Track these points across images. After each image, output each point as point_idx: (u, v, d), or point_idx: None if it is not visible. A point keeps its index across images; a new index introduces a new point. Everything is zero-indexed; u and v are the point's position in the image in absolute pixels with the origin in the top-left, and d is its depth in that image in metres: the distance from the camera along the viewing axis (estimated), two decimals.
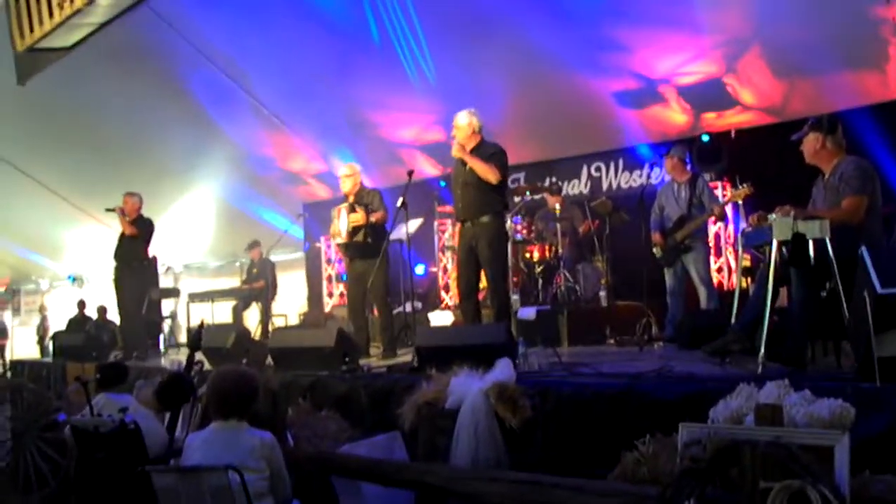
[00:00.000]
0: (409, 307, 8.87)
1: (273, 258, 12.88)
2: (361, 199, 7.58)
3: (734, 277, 9.54)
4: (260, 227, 14.18)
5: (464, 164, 6.47)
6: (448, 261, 11.59)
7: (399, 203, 6.75)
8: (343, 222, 7.47)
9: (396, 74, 10.03)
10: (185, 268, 19.09)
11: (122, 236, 9.27)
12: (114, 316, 14.85)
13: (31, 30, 8.31)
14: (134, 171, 13.28)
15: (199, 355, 6.51)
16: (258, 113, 11.44)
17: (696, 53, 8.59)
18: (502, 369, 3.90)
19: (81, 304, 15.81)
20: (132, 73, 10.74)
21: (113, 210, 9.18)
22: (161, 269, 17.47)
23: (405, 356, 6.55)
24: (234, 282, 14.57)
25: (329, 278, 13.94)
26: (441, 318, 8.73)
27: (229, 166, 13.37)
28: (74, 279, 19.83)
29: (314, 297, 14.85)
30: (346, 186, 7.67)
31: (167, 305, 13.75)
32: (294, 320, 13.82)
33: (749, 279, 7.45)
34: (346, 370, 5.91)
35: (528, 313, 7.96)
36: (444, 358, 5.20)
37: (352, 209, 7.39)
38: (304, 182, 13.84)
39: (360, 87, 10.37)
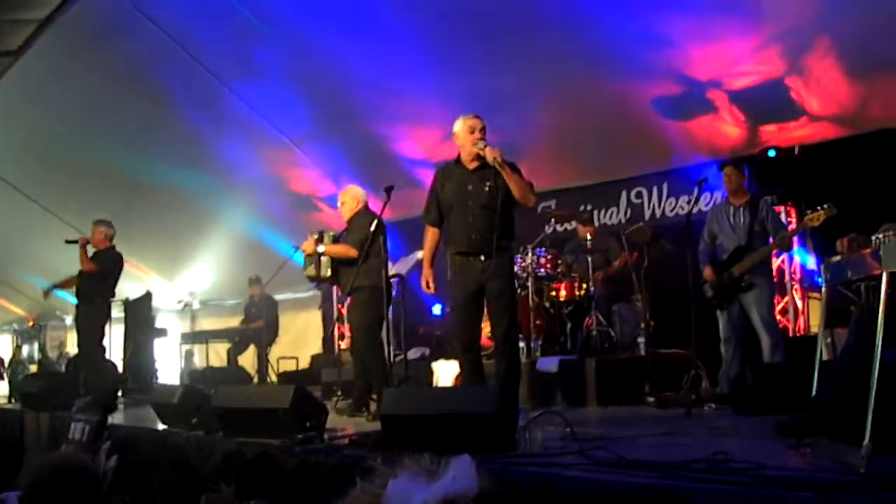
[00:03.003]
0: (413, 353, 7.65)
1: (285, 296, 11.70)
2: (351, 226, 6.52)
3: (802, 321, 8.02)
4: (277, 259, 12.96)
5: (475, 179, 5.22)
6: None
7: (373, 227, 5.42)
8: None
9: (406, 82, 8.79)
10: (203, 305, 18.02)
11: (82, 271, 8.08)
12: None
13: None
14: (149, 205, 12.52)
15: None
16: (256, 126, 10.19)
17: (752, 48, 7.11)
18: (458, 476, 2.47)
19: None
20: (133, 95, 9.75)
21: (74, 242, 8.00)
22: (178, 307, 16.71)
23: None
24: None
25: (342, 318, 12.67)
26: (447, 369, 7.36)
27: (238, 192, 12.21)
28: None
29: (329, 338, 13.62)
30: (343, 213, 6.65)
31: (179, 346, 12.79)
32: (306, 364, 12.59)
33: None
34: (302, 439, 4.55)
35: (550, 364, 6.60)
36: (418, 431, 3.93)
37: (318, 232, 6.43)
38: (316, 208, 12.53)
39: (365, 95, 9.11)
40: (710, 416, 5.35)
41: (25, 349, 22.83)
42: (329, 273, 6.39)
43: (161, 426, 5.85)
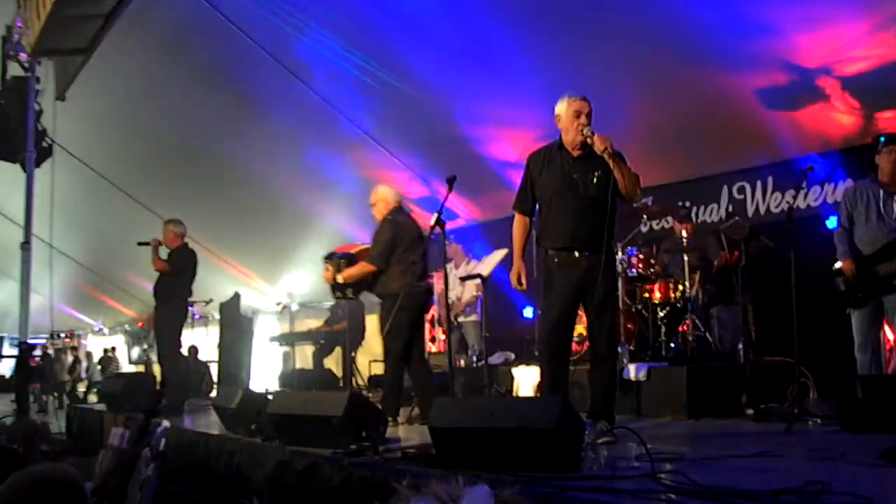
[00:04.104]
0: (495, 358, 7.24)
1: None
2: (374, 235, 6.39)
3: None
4: None
5: (581, 168, 4.75)
6: None
7: (433, 221, 5.04)
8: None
9: (496, 82, 8.40)
10: (301, 307, 18.04)
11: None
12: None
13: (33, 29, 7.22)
14: (250, 209, 12.63)
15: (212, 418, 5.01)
16: (340, 127, 9.95)
17: (865, 31, 6.40)
18: None
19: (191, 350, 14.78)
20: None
21: (146, 244, 7.94)
22: (277, 309, 16.74)
23: None
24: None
25: (431, 321, 12.34)
26: (528, 376, 6.91)
27: (334, 195, 12.04)
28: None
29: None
30: (375, 216, 6.45)
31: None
32: None
33: None
34: (353, 451, 4.20)
35: (638, 372, 6.08)
36: (472, 445, 3.53)
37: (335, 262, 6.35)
38: (409, 209, 12.26)
39: (453, 96, 8.76)
40: (813, 434, 4.76)
41: (136, 350, 23.51)
42: (355, 294, 6.48)
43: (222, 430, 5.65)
